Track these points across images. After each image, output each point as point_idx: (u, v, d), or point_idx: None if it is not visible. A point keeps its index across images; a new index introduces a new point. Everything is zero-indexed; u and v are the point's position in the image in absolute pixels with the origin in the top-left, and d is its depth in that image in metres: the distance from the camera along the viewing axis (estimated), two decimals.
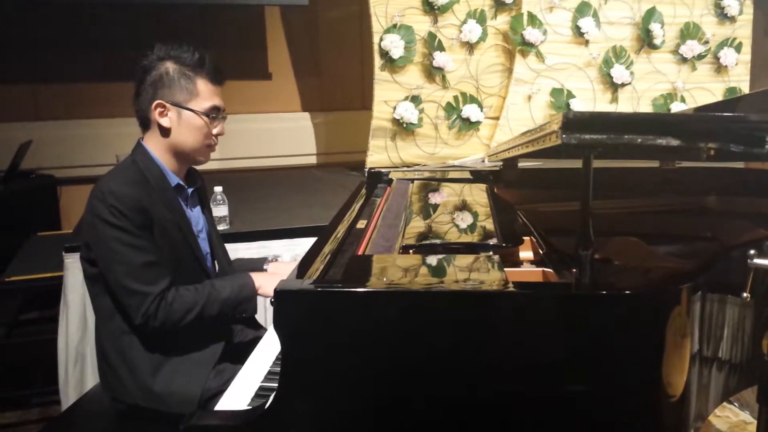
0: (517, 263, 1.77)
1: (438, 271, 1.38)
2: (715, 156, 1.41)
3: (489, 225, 1.81)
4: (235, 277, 1.98)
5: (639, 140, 1.14)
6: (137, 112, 1.91)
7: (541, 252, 1.64)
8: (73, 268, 2.70)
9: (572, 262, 1.28)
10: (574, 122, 1.14)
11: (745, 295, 1.19)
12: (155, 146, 1.90)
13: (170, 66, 1.85)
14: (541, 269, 1.59)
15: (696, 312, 1.31)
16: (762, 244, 1.12)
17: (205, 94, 1.88)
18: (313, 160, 5.24)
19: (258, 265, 2.27)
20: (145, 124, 1.91)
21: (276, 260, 2.33)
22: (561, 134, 1.13)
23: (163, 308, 1.77)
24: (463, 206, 2.15)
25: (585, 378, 1.23)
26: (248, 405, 1.51)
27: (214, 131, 1.93)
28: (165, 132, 1.87)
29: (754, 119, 1.24)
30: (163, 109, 1.85)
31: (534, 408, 1.24)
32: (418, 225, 1.83)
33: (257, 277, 1.94)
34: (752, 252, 1.14)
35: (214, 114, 1.90)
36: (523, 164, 2.65)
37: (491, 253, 1.49)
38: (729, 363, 1.49)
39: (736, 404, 3.04)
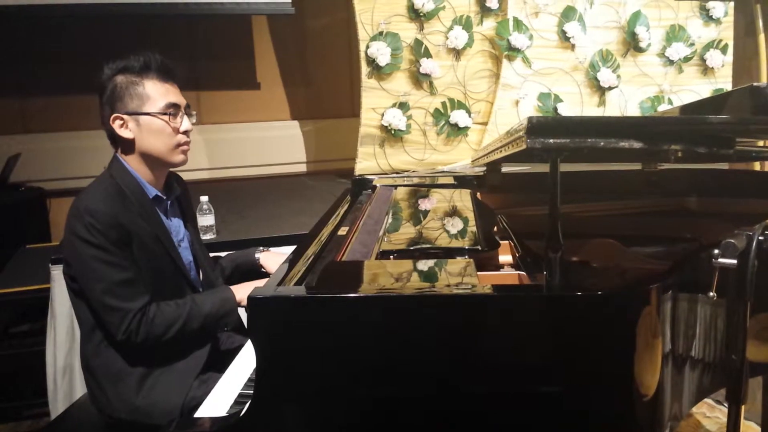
0: (498, 267, 1.78)
1: (412, 276, 1.39)
2: (684, 157, 1.42)
3: (468, 230, 1.82)
4: (216, 291, 1.99)
5: (602, 143, 1.16)
6: (106, 132, 1.91)
7: (517, 255, 1.66)
8: (60, 279, 2.70)
9: (544, 265, 1.30)
10: (538, 127, 1.15)
11: (711, 294, 1.20)
12: (129, 159, 1.90)
13: (119, 78, 1.85)
14: (517, 273, 1.61)
15: (667, 312, 1.32)
16: (720, 243, 1.13)
17: (156, 94, 1.87)
18: (302, 168, 5.25)
19: (250, 255, 2.31)
20: (114, 141, 1.91)
21: (267, 250, 2.34)
22: (526, 139, 1.15)
23: (145, 324, 1.77)
24: (445, 212, 2.16)
25: (556, 379, 1.24)
26: (227, 412, 1.52)
27: (181, 128, 1.91)
28: (131, 143, 1.87)
29: (715, 120, 1.25)
30: (121, 122, 1.85)
31: (506, 408, 1.25)
32: (397, 231, 1.85)
33: (238, 290, 1.94)
34: (716, 252, 1.15)
35: (172, 111, 1.88)
36: (507, 169, 2.66)
37: (467, 257, 1.50)
38: (702, 362, 1.50)
39: (725, 405, 3.05)
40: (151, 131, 1.87)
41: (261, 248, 2.35)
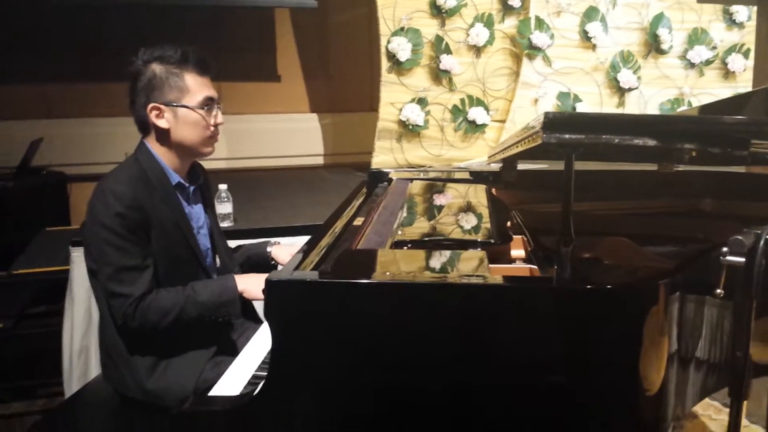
0: (511, 261, 1.80)
1: (424, 265, 1.42)
2: (700, 158, 1.43)
3: (481, 223, 1.84)
4: (218, 279, 2.01)
5: (616, 140, 1.17)
6: (135, 119, 1.93)
7: (529, 249, 1.67)
8: (79, 262, 2.75)
9: (555, 259, 1.32)
10: (554, 122, 1.17)
11: (718, 291, 1.22)
12: (157, 146, 1.93)
13: (157, 68, 1.87)
14: (529, 266, 1.62)
15: (674, 312, 1.33)
16: (728, 241, 1.14)
17: (195, 87, 1.90)
18: (320, 160, 5.29)
19: (261, 247, 2.32)
20: (145, 128, 1.94)
21: (278, 243, 2.37)
22: (542, 134, 1.17)
23: (141, 311, 1.80)
24: (460, 206, 2.18)
25: (563, 371, 1.25)
26: (240, 392, 1.55)
27: (213, 121, 1.95)
28: (165, 132, 1.90)
29: (729, 121, 1.26)
30: (158, 112, 1.88)
31: (511, 399, 1.27)
32: (411, 223, 1.87)
33: (241, 280, 1.95)
34: (725, 249, 1.17)
35: (208, 105, 1.92)
36: (522, 166, 2.68)
37: (479, 249, 1.52)
38: (707, 363, 1.51)
39: None
40: (187, 123, 1.90)
41: (273, 241, 2.37)
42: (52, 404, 3.13)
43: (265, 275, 1.97)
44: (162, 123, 1.89)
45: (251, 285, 1.93)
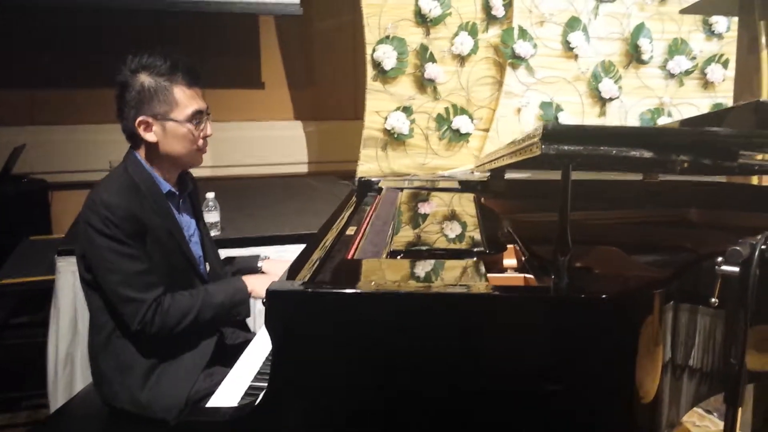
0: (502, 270, 1.81)
1: (423, 275, 1.43)
2: (690, 169, 1.46)
3: (474, 233, 1.86)
4: (229, 281, 2.03)
5: (614, 152, 1.19)
6: (123, 129, 1.92)
7: (523, 259, 1.69)
8: (65, 271, 2.73)
9: (551, 268, 1.33)
10: (553, 133, 1.19)
11: (713, 300, 1.24)
12: (146, 155, 1.92)
13: (145, 79, 1.85)
14: (522, 275, 1.64)
15: (668, 321, 1.35)
16: (725, 251, 1.17)
17: (184, 100, 1.88)
18: (304, 168, 5.29)
19: (252, 262, 2.32)
20: (133, 140, 1.93)
21: (268, 258, 2.37)
22: (541, 145, 1.19)
23: (160, 314, 1.81)
24: (450, 215, 2.19)
25: (560, 379, 1.27)
26: (238, 404, 1.55)
27: (201, 134, 1.94)
28: (153, 145, 1.89)
29: (723, 133, 1.29)
30: (146, 125, 1.86)
31: (508, 407, 1.28)
32: (405, 232, 1.88)
33: (249, 281, 1.98)
34: (720, 259, 1.19)
35: (197, 119, 1.91)
36: (509, 175, 2.70)
37: (474, 259, 1.53)
38: (700, 371, 1.53)
39: (714, 414, 3.08)
40: (176, 136, 1.89)
41: (263, 256, 2.38)
42: (36, 416, 3.10)
43: (271, 275, 1.99)
44: (150, 137, 1.88)
45: (259, 285, 1.96)
